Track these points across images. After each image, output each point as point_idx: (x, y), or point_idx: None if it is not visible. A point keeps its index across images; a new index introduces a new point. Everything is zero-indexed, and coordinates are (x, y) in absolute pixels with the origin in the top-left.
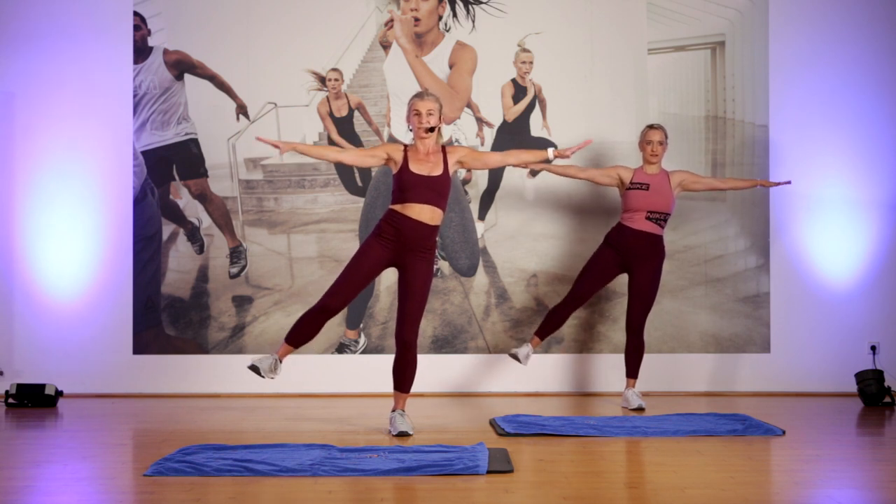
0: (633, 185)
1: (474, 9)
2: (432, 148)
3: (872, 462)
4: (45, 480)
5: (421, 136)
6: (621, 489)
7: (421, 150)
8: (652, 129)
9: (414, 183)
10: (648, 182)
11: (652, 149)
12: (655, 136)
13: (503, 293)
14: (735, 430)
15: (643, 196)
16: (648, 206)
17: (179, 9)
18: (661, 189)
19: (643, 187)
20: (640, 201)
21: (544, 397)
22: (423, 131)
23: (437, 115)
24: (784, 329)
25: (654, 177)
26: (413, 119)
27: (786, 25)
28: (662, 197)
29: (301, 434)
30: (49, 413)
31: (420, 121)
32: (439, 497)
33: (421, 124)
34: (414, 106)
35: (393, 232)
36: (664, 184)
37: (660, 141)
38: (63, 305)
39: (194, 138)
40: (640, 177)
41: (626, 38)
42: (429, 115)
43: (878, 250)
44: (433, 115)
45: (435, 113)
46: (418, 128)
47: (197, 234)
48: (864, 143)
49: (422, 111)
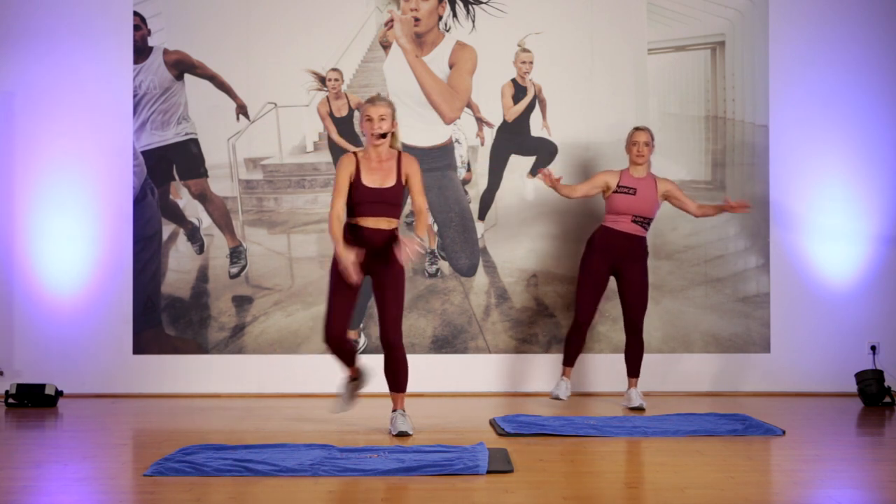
0: (621, 188)
1: (474, 9)
2: (385, 155)
3: (872, 462)
4: (45, 480)
5: (373, 142)
6: (621, 489)
7: (373, 158)
8: (638, 131)
9: (365, 197)
10: (635, 186)
11: (638, 150)
12: (641, 137)
13: (503, 293)
14: (735, 430)
15: (630, 200)
16: (635, 210)
17: (179, 9)
18: (647, 194)
19: (630, 191)
20: (626, 205)
21: (544, 397)
22: (375, 137)
23: (389, 121)
24: (784, 329)
25: (640, 181)
26: (365, 125)
27: (786, 25)
28: (648, 202)
29: (301, 434)
30: (49, 413)
31: (372, 126)
32: (439, 497)
33: (373, 130)
34: (366, 111)
35: (356, 243)
36: (650, 189)
37: (646, 142)
38: (63, 305)
39: (194, 138)
40: (626, 180)
41: (626, 38)
42: (381, 120)
43: (878, 250)
44: (385, 121)
45: (387, 118)
46: (370, 133)
47: (197, 234)
48: (864, 142)
49: (374, 116)
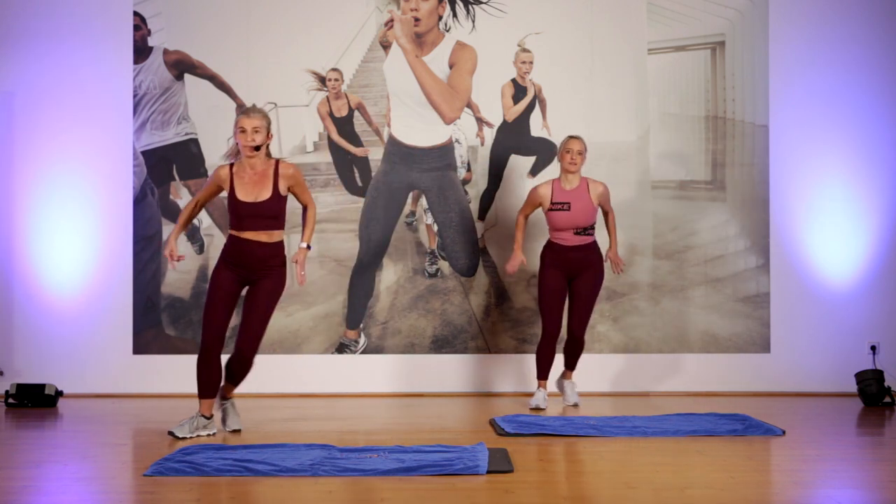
0: (554, 205)
1: (474, 9)
2: (260, 167)
3: (872, 462)
4: (45, 480)
5: (246, 154)
6: (621, 489)
7: (248, 170)
8: (572, 139)
9: (242, 212)
10: (568, 200)
11: (571, 157)
12: (575, 145)
13: (503, 293)
14: (735, 430)
15: (566, 216)
16: (574, 225)
17: (179, 9)
18: (581, 205)
19: (564, 207)
20: (564, 221)
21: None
22: (249, 149)
23: (263, 133)
24: (784, 329)
25: (572, 192)
26: (239, 136)
27: (786, 25)
28: (584, 213)
29: (301, 434)
30: (49, 413)
31: (246, 139)
32: (439, 497)
33: (246, 142)
34: (239, 123)
35: (236, 255)
36: (584, 198)
37: (579, 151)
38: (63, 305)
39: (194, 138)
40: (559, 195)
41: (626, 38)
42: (255, 132)
43: (878, 250)
44: (259, 133)
45: (262, 130)
46: (244, 146)
47: (197, 234)
48: (864, 142)
49: (247, 128)
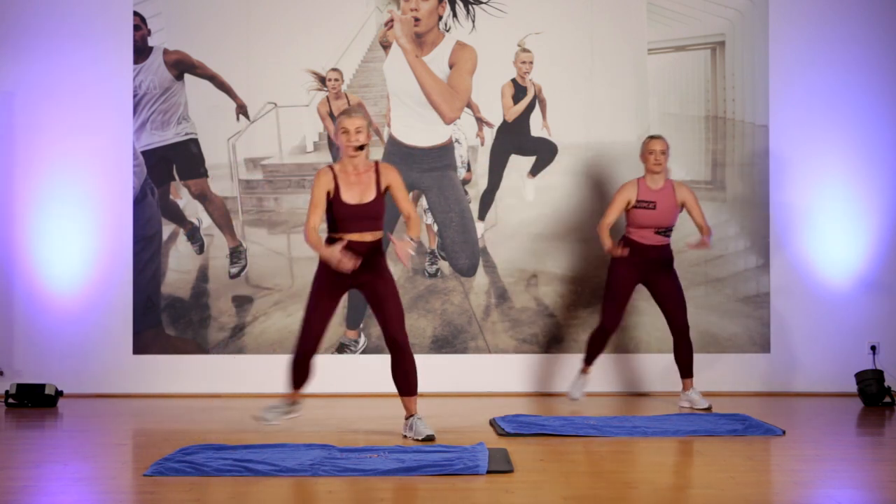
0: (640, 203)
1: (474, 9)
2: (363, 167)
3: (872, 462)
4: (45, 480)
5: (350, 154)
6: (621, 489)
7: (351, 171)
8: (654, 140)
9: (346, 215)
10: (654, 200)
11: (655, 158)
12: (658, 146)
13: (503, 293)
14: (735, 430)
15: (651, 215)
16: (656, 224)
17: (179, 9)
18: (666, 206)
19: (650, 206)
20: (647, 219)
21: (544, 397)
22: (352, 149)
23: (365, 133)
24: (784, 329)
25: (658, 192)
26: (341, 137)
27: (786, 25)
28: (668, 214)
29: (301, 434)
30: (49, 413)
31: (349, 139)
32: (439, 497)
33: (349, 142)
34: (341, 123)
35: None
36: (669, 199)
37: (662, 150)
38: (63, 305)
39: (194, 138)
40: (645, 194)
41: (626, 38)
42: (357, 132)
43: (878, 250)
44: (361, 133)
45: (363, 130)
46: (346, 146)
47: (197, 234)
48: (864, 143)
49: (350, 129)
